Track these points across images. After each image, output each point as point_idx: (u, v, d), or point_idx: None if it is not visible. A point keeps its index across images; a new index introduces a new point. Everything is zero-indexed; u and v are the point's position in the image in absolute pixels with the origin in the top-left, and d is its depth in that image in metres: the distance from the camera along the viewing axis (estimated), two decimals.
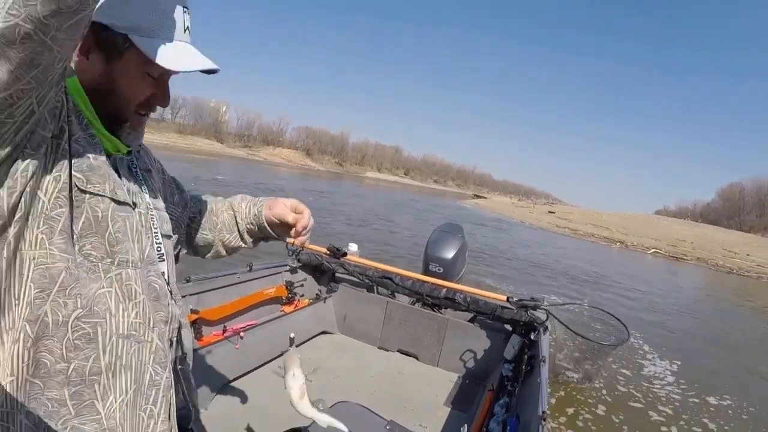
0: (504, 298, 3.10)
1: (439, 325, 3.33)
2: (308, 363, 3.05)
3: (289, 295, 3.32)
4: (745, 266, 25.18)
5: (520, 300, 3.04)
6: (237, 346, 2.72)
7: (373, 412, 2.42)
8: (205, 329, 2.58)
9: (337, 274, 3.64)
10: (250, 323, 2.87)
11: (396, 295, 3.56)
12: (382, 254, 10.42)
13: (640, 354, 6.47)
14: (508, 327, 3.16)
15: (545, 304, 3.02)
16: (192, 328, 1.96)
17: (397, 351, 3.43)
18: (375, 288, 3.62)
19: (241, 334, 2.75)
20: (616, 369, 5.58)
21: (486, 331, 3.24)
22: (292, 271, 3.46)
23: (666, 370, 6.00)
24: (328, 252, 3.44)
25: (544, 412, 1.73)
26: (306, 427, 2.34)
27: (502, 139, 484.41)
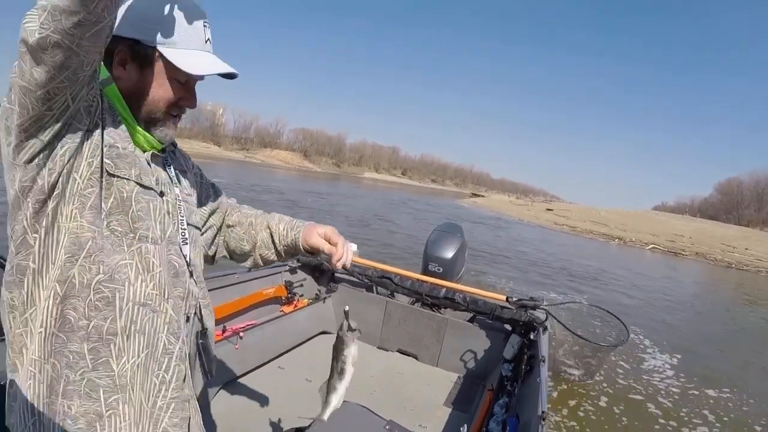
0: (503, 297, 3.10)
1: (439, 325, 3.33)
2: (307, 363, 3.05)
3: (289, 295, 3.31)
4: (744, 260, 25.23)
5: (520, 300, 3.04)
6: (236, 346, 2.71)
7: (373, 412, 2.41)
8: None
9: (337, 274, 3.64)
10: (249, 323, 2.87)
11: (395, 295, 3.56)
12: (382, 254, 10.43)
13: (641, 348, 6.50)
14: (508, 327, 3.16)
15: (545, 303, 3.02)
16: None
17: (397, 351, 3.43)
18: (374, 288, 3.62)
19: (241, 334, 2.75)
20: (617, 363, 5.61)
21: (485, 331, 3.24)
22: (292, 271, 3.45)
23: (666, 364, 6.03)
24: None
25: (543, 412, 1.73)
26: (306, 428, 2.34)
27: (499, 138, 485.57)
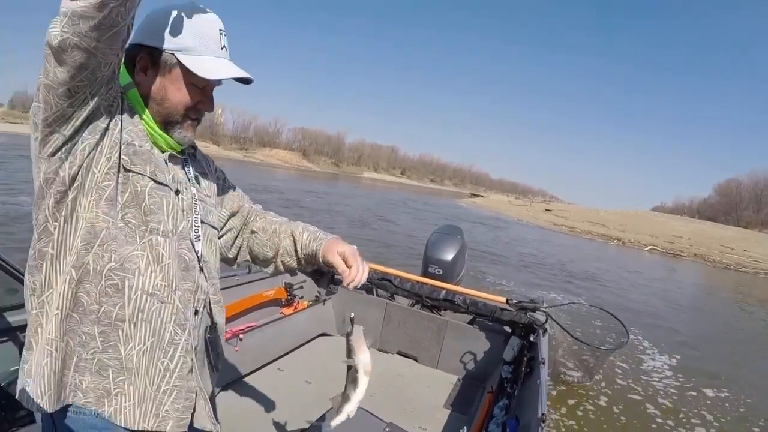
0: (503, 300, 3.10)
1: (439, 327, 3.32)
2: (307, 365, 3.05)
3: (289, 297, 3.31)
4: (743, 262, 25.27)
5: (520, 302, 3.04)
6: (236, 348, 2.71)
7: (373, 415, 2.42)
8: None
9: (336, 276, 3.61)
10: (249, 325, 2.86)
11: (395, 297, 3.56)
12: (382, 254, 10.43)
13: (640, 349, 6.52)
14: (508, 329, 3.16)
15: (544, 305, 3.02)
16: None
17: (397, 353, 3.43)
18: (374, 290, 3.61)
19: (241, 336, 2.75)
20: (616, 363, 5.62)
21: (485, 333, 3.24)
22: (292, 273, 3.45)
23: (664, 365, 6.05)
24: None
25: (543, 414, 1.73)
26: (306, 430, 2.34)
27: (499, 139, 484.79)
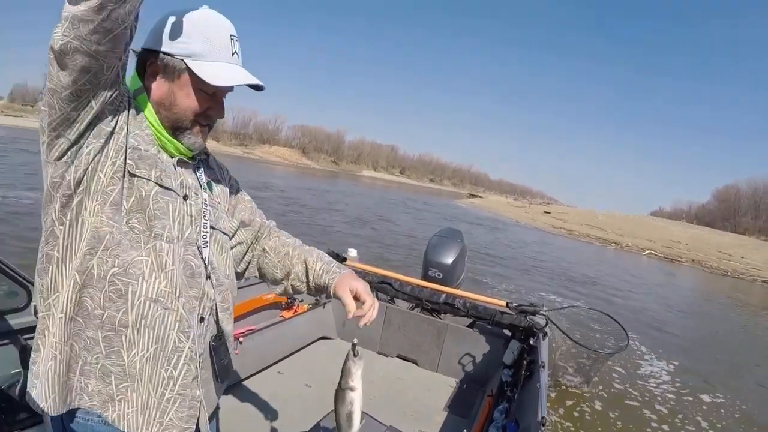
0: (503, 303, 3.10)
1: (439, 331, 3.33)
2: (307, 368, 3.05)
3: (289, 301, 3.31)
4: (740, 268, 25.28)
5: (520, 305, 3.03)
6: (236, 352, 2.70)
7: (373, 418, 2.42)
8: None
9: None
10: (249, 329, 2.86)
11: (395, 300, 3.55)
12: (382, 253, 10.45)
13: (638, 354, 6.54)
14: (508, 332, 3.16)
15: (544, 309, 3.02)
16: None
17: (397, 356, 3.43)
18: (374, 293, 3.59)
19: (241, 340, 2.74)
20: (613, 368, 5.64)
21: (485, 337, 3.24)
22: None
23: (662, 370, 6.07)
24: None
25: (543, 418, 1.73)
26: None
27: (498, 140, 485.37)
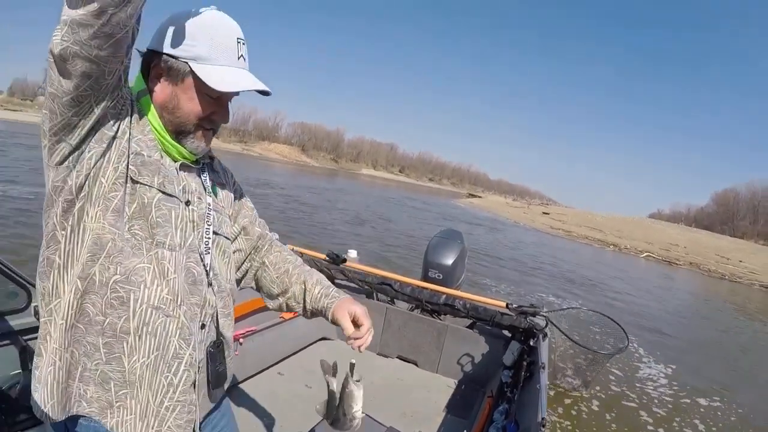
0: (503, 304, 3.09)
1: (439, 332, 3.32)
2: (307, 369, 3.04)
3: None
4: (738, 272, 25.33)
5: (520, 306, 3.03)
6: (236, 353, 2.69)
7: (373, 419, 2.42)
8: None
9: (336, 281, 3.56)
10: (249, 329, 2.85)
11: (395, 301, 3.54)
12: (381, 252, 10.45)
13: (636, 357, 6.56)
14: (508, 333, 3.15)
15: (544, 310, 3.01)
16: None
17: (397, 357, 3.42)
18: (374, 294, 3.59)
19: (241, 341, 2.73)
20: (610, 370, 5.64)
21: (485, 338, 3.24)
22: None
23: (660, 373, 6.09)
24: (327, 258, 3.42)
25: (543, 419, 1.73)
26: None
27: (498, 140, 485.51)
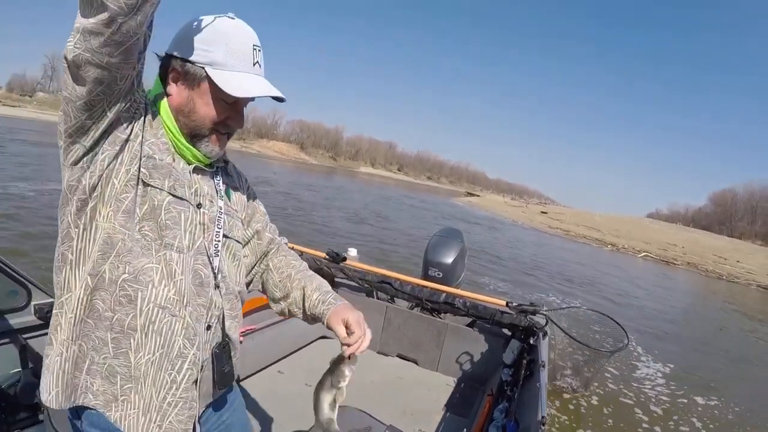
0: (503, 303, 3.08)
1: (439, 330, 3.32)
2: (307, 368, 3.04)
3: None
4: (735, 273, 25.41)
5: (520, 305, 3.02)
6: None
7: (373, 417, 2.42)
8: None
9: (337, 279, 3.57)
10: (249, 328, 2.85)
11: (395, 299, 3.53)
12: (380, 250, 10.44)
13: (635, 355, 6.58)
14: (508, 332, 3.15)
15: (544, 309, 3.01)
16: None
17: (397, 356, 3.42)
18: (374, 293, 3.58)
19: (241, 339, 2.72)
20: (608, 368, 5.65)
21: (485, 336, 3.23)
22: None
23: (658, 372, 6.11)
24: (327, 257, 3.41)
25: (543, 417, 1.73)
26: (307, 431, 2.34)
27: (497, 139, 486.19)
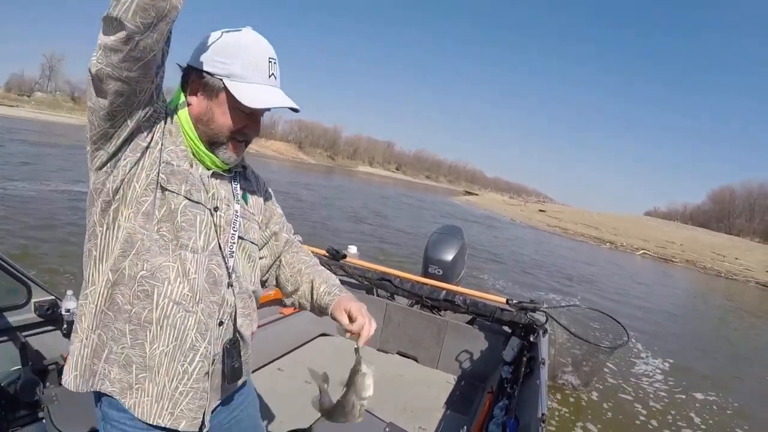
0: (503, 300, 3.08)
1: (439, 327, 3.32)
2: (307, 365, 3.03)
3: None
4: (734, 270, 25.47)
5: (520, 302, 3.02)
6: None
7: (373, 414, 2.41)
8: None
9: (337, 276, 3.56)
10: None
11: (395, 297, 3.53)
12: (379, 248, 10.43)
13: (634, 352, 6.60)
14: (508, 329, 3.15)
15: (544, 306, 3.01)
16: None
17: (397, 353, 3.42)
18: (374, 290, 3.58)
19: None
20: (607, 365, 5.66)
21: (485, 333, 3.23)
22: None
23: (656, 368, 6.14)
24: (328, 254, 3.40)
25: (543, 414, 1.73)
26: (305, 429, 2.33)
27: (495, 138, 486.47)
